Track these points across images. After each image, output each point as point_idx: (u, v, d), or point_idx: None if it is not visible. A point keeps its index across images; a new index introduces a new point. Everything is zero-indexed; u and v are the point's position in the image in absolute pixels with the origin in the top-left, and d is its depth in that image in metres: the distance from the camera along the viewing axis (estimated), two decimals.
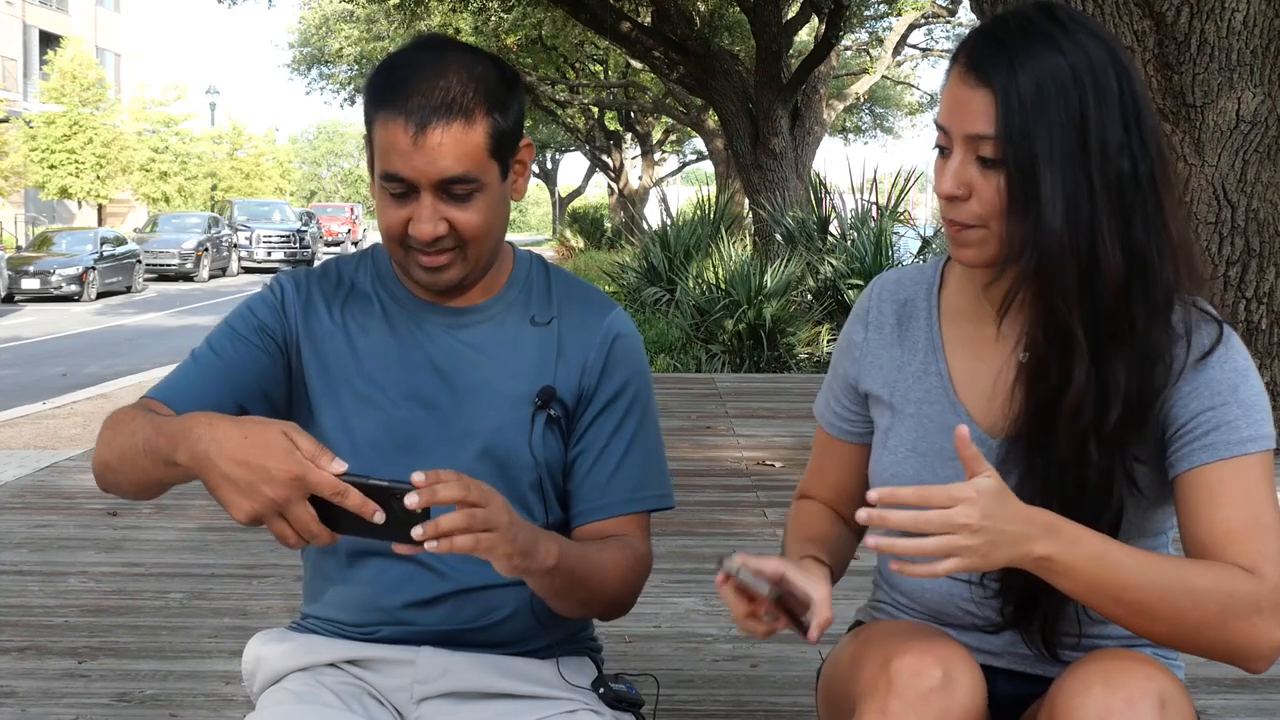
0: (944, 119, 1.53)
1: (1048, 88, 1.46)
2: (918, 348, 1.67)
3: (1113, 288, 1.46)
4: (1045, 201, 1.45)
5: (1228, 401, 1.50)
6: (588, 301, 1.79)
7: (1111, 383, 1.47)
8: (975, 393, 1.62)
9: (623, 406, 1.76)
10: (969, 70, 1.50)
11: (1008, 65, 1.47)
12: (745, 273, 11.70)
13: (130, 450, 1.58)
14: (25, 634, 3.34)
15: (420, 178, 1.61)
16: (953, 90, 1.52)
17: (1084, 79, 1.47)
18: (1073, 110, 1.46)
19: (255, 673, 1.78)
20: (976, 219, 1.51)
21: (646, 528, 1.80)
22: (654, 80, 27.20)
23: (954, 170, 1.50)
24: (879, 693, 1.46)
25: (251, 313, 1.76)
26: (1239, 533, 1.46)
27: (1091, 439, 1.48)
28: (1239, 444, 1.49)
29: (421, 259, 1.65)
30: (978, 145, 1.49)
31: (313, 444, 1.41)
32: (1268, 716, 2.80)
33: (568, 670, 1.74)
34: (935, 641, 1.51)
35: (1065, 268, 1.46)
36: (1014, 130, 1.46)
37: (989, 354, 1.62)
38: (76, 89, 34.85)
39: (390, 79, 1.63)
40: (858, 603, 1.84)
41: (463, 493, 1.42)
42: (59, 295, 22.96)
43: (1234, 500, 1.48)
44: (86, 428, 8.48)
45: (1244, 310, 5.62)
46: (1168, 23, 5.55)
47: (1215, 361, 1.52)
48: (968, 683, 1.46)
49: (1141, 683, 1.39)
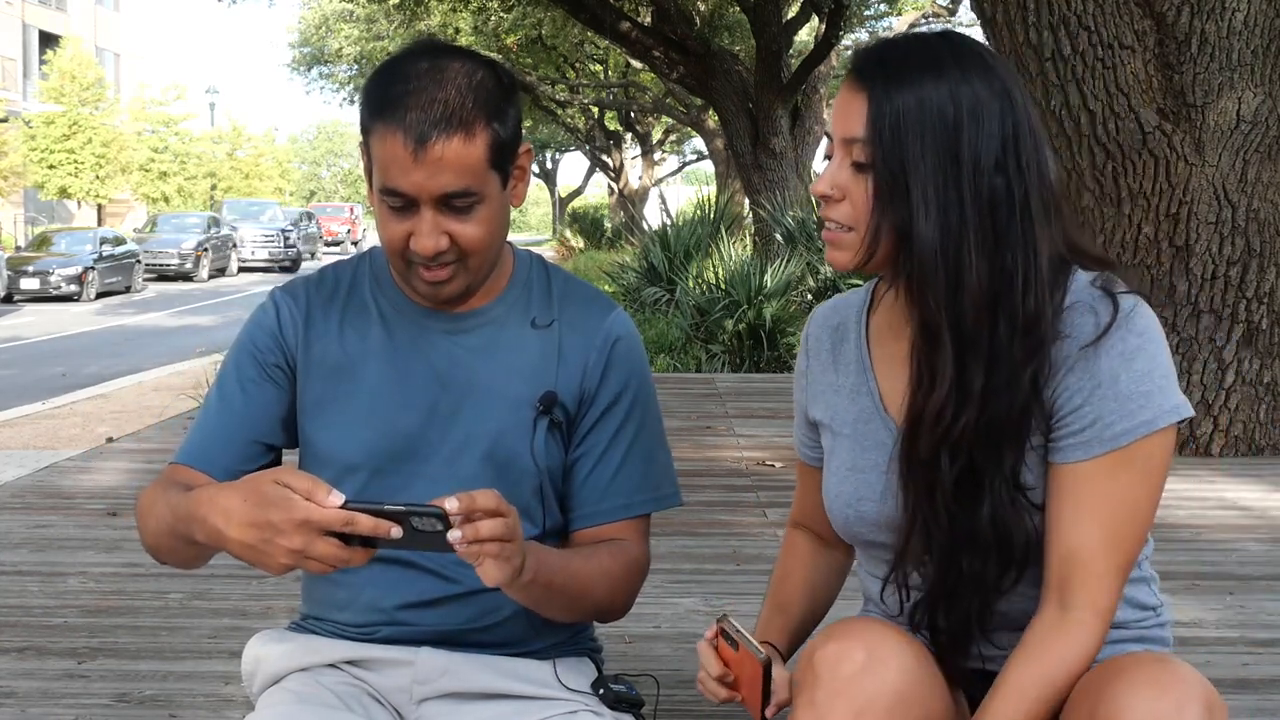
0: (831, 124, 1.57)
1: (926, 100, 1.49)
2: (849, 369, 1.70)
3: (975, 301, 1.48)
4: (915, 206, 1.48)
5: (1105, 394, 1.49)
6: (588, 303, 1.79)
7: (967, 388, 1.49)
8: (903, 407, 1.62)
9: (622, 411, 1.75)
10: (851, 76, 1.55)
11: (884, 75, 1.51)
12: (745, 273, 11.70)
13: (162, 535, 1.62)
14: (25, 634, 3.34)
15: (420, 193, 1.58)
16: (838, 96, 1.57)
17: (961, 100, 1.49)
18: (946, 124, 1.49)
19: (255, 673, 1.78)
20: (848, 220, 1.54)
21: (645, 530, 1.80)
22: (654, 80, 27.20)
23: (830, 172, 1.54)
24: (807, 685, 1.48)
25: (254, 345, 1.75)
26: (1086, 561, 1.48)
27: (944, 444, 1.50)
28: (1111, 440, 1.48)
29: (423, 273, 1.64)
30: (852, 149, 1.52)
31: (306, 480, 1.40)
32: (1268, 716, 2.79)
33: (567, 671, 1.74)
34: (862, 627, 1.52)
35: (936, 271, 1.48)
36: (884, 133, 1.49)
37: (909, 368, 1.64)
38: (76, 89, 34.85)
39: (387, 90, 1.59)
40: (857, 604, 1.83)
41: (495, 502, 1.43)
42: (58, 295, 22.96)
43: (1095, 506, 1.48)
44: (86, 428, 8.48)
45: (1244, 310, 5.62)
46: (1168, 22, 5.55)
47: (1102, 348, 1.49)
48: (896, 664, 1.46)
49: (1190, 688, 1.39)
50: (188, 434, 1.76)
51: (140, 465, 5.75)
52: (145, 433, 6.88)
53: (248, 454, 1.73)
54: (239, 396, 1.74)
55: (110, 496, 5.06)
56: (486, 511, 1.42)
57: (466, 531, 1.40)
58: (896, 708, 1.44)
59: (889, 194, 1.49)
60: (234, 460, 1.71)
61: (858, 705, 1.43)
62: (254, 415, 1.73)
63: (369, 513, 1.39)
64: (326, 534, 1.39)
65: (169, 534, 1.59)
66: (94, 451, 6.34)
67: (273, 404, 1.74)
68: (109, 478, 5.48)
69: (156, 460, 5.87)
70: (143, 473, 5.58)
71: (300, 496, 1.39)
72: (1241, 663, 3.07)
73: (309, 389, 1.73)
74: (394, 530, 1.38)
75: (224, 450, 1.72)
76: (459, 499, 1.40)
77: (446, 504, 1.39)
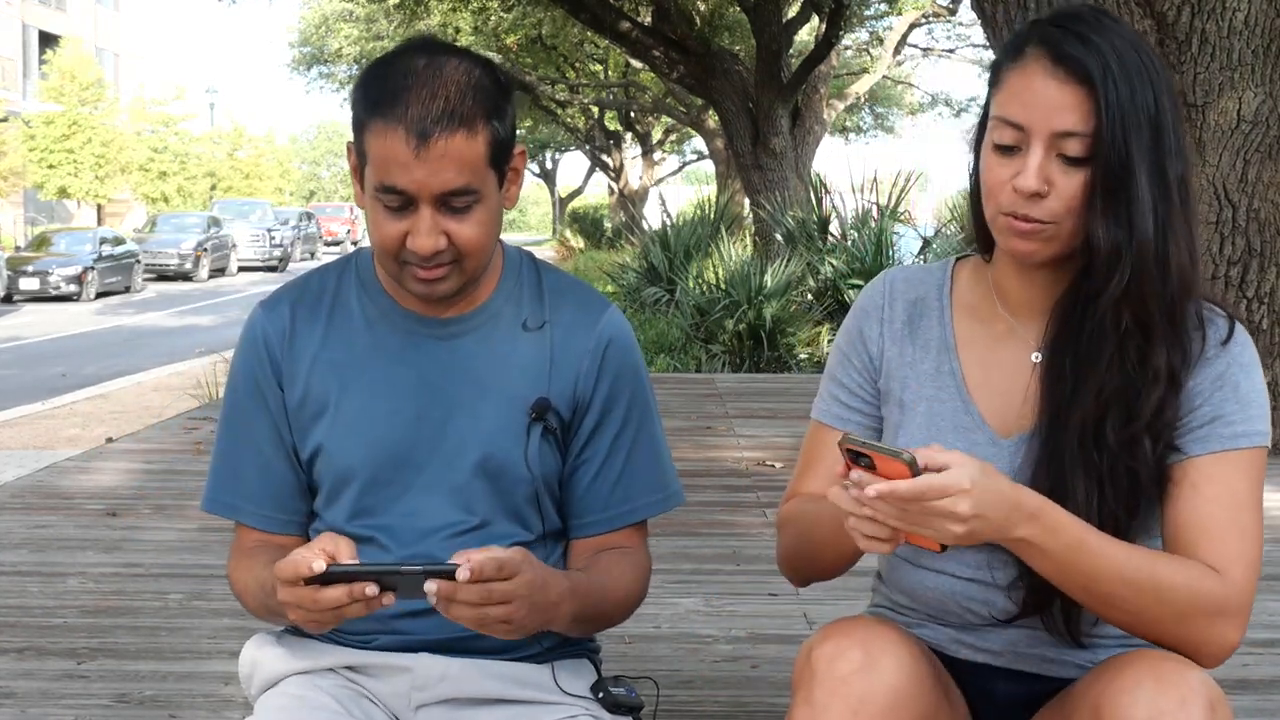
0: (1020, 115, 1.49)
1: (1136, 91, 1.46)
2: (930, 346, 1.66)
3: (1180, 290, 1.49)
4: (1136, 204, 1.46)
5: (1227, 396, 1.52)
6: (580, 303, 1.76)
7: (1175, 378, 1.50)
8: (988, 391, 1.62)
9: (620, 415, 1.73)
10: (1057, 63, 1.47)
11: (1101, 60, 1.45)
12: (745, 273, 11.69)
13: (264, 614, 1.70)
14: (24, 634, 3.33)
15: (421, 190, 1.56)
16: (1034, 83, 1.48)
17: (1158, 85, 1.47)
18: (1151, 112, 1.47)
19: (252, 676, 1.77)
20: (1053, 215, 1.49)
21: (646, 532, 1.79)
22: (654, 80, 27.18)
23: (1037, 167, 1.47)
24: (804, 684, 1.47)
25: (248, 378, 1.74)
26: (1215, 532, 1.48)
27: (1145, 429, 1.50)
28: (1232, 438, 1.51)
29: (418, 273, 1.61)
30: (1063, 143, 1.47)
31: (288, 567, 1.46)
32: (1268, 716, 2.79)
33: (566, 675, 1.73)
34: (859, 626, 1.51)
35: (1152, 271, 1.47)
36: (1113, 129, 1.44)
37: (1001, 352, 1.62)
38: (75, 89, 34.80)
39: (384, 86, 1.57)
40: (859, 605, 1.83)
41: (495, 568, 1.44)
42: (58, 295, 22.94)
43: (1217, 496, 1.49)
44: (86, 428, 8.48)
45: (1244, 310, 5.62)
46: (1168, 22, 5.55)
47: (1224, 355, 1.53)
48: (892, 663, 1.45)
49: (1194, 685, 1.39)
50: (227, 482, 1.77)
51: (140, 465, 5.75)
52: (145, 433, 6.87)
53: (279, 481, 1.74)
54: (268, 446, 1.73)
55: (110, 497, 5.06)
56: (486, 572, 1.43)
57: (443, 589, 1.42)
58: (893, 706, 1.44)
59: (1110, 190, 1.46)
60: (292, 514, 1.76)
61: (854, 703, 1.43)
62: (285, 455, 1.73)
63: (355, 574, 1.45)
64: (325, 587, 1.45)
65: (269, 613, 1.67)
66: (94, 451, 6.33)
67: (276, 425, 1.73)
68: (109, 478, 5.48)
69: (156, 460, 5.87)
70: (142, 473, 5.57)
71: (287, 584, 1.47)
72: (1242, 663, 3.06)
73: (297, 401, 1.71)
74: (370, 589, 1.44)
75: (260, 492, 1.74)
76: (471, 564, 1.43)
77: (460, 564, 1.43)
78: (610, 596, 1.69)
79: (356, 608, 1.45)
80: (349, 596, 1.43)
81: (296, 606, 1.47)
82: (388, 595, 1.44)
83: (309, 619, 1.48)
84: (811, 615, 3.47)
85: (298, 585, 1.45)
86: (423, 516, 1.68)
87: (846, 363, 1.71)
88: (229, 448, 1.76)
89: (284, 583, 1.46)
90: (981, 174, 1.55)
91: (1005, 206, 1.51)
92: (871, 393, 1.69)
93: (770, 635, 3.36)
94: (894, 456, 1.34)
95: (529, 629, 1.51)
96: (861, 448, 1.36)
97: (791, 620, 3.46)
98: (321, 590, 1.44)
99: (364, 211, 1.66)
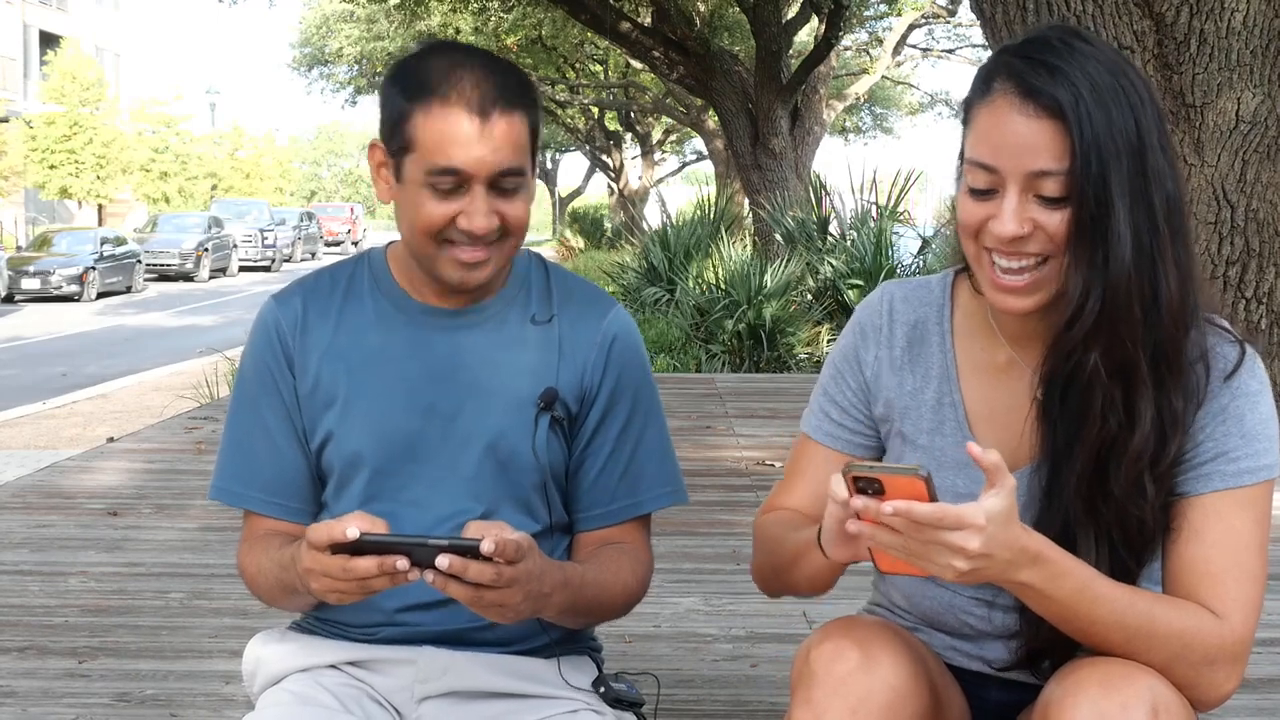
0: (991, 157, 1.40)
1: (1113, 120, 1.37)
2: (931, 375, 1.61)
3: (1171, 319, 1.41)
4: (1114, 238, 1.38)
5: (1230, 430, 1.46)
6: (587, 300, 1.79)
7: (1168, 416, 1.43)
8: (990, 425, 1.58)
9: (625, 409, 1.75)
10: (1026, 99, 1.38)
11: (1072, 90, 1.36)
12: (745, 273, 11.69)
13: (277, 596, 1.70)
14: (25, 634, 3.34)
15: (480, 168, 1.59)
16: (1003, 122, 1.40)
17: (1139, 109, 1.39)
18: (1131, 140, 1.39)
19: (255, 673, 1.78)
20: (1043, 250, 1.42)
21: (649, 528, 1.81)
22: (654, 80, 27.18)
23: (1013, 211, 1.40)
24: (803, 684, 1.47)
25: (260, 366, 1.75)
26: (1215, 575, 1.45)
27: (1148, 474, 1.44)
28: (1235, 475, 1.46)
29: (462, 255, 1.63)
30: (1039, 183, 1.39)
31: (321, 530, 1.45)
32: (1268, 716, 2.80)
33: (568, 670, 1.74)
34: (858, 625, 1.51)
35: (1131, 304, 1.39)
36: (1090, 166, 1.36)
37: (1003, 382, 1.58)
38: (76, 89, 34.80)
39: (429, 75, 1.61)
40: (858, 603, 1.84)
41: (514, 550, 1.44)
42: (59, 295, 22.96)
43: (1218, 539, 1.45)
44: (86, 428, 8.48)
45: (1244, 310, 5.62)
46: (1167, 23, 5.55)
47: (1226, 389, 1.47)
48: (890, 663, 1.45)
49: (1139, 689, 1.37)
50: (228, 468, 1.77)
51: (140, 465, 5.76)
52: (145, 433, 6.88)
53: (291, 464, 1.75)
54: (280, 434, 1.74)
55: (110, 496, 5.07)
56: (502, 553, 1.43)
57: (454, 564, 1.41)
58: (892, 706, 1.44)
59: (1090, 227, 1.38)
60: (303, 501, 1.76)
61: (853, 703, 1.43)
62: (297, 443, 1.74)
63: (387, 544, 1.43)
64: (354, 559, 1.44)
65: (284, 593, 1.67)
66: (94, 451, 6.34)
67: (289, 414, 1.74)
68: (109, 478, 5.48)
69: (157, 460, 5.87)
70: (143, 473, 5.58)
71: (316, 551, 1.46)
72: None
73: (308, 390, 1.73)
74: (400, 562, 1.42)
75: (273, 478, 1.74)
76: (494, 539, 1.42)
77: (477, 539, 1.42)
78: (606, 592, 1.69)
79: (383, 581, 1.44)
80: (379, 568, 1.42)
81: (323, 575, 1.45)
82: (414, 571, 1.43)
83: (333, 588, 1.47)
84: (811, 614, 3.47)
85: (326, 552, 1.44)
86: (431, 505, 1.70)
87: (841, 380, 1.68)
88: (240, 436, 1.77)
89: (314, 548, 1.45)
90: (958, 216, 1.48)
91: (990, 244, 1.44)
92: (864, 413, 1.67)
93: (770, 634, 3.37)
94: (906, 474, 1.29)
95: (520, 615, 1.52)
96: (868, 473, 1.31)
97: (791, 619, 3.46)
98: (352, 559, 1.43)
99: (394, 205, 1.68)
